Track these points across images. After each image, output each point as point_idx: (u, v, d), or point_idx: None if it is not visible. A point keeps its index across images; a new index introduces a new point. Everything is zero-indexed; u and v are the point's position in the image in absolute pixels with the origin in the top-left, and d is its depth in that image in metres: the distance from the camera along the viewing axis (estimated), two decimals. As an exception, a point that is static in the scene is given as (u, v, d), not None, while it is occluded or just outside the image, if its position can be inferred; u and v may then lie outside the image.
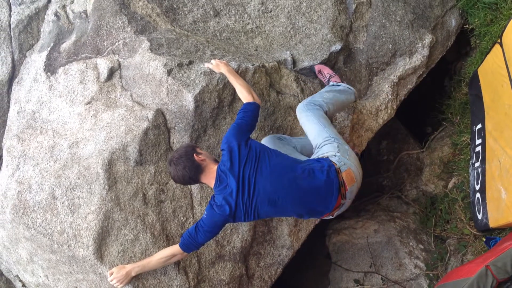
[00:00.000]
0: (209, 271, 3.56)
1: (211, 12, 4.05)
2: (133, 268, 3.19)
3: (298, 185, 2.95)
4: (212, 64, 3.45)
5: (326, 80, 3.82)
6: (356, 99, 3.71)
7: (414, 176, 5.06)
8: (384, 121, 4.19)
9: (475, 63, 4.63)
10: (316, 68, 3.91)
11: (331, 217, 3.24)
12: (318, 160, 3.08)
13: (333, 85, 3.68)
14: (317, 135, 3.22)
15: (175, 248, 3.11)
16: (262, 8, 4.14)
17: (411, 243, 4.37)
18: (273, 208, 3.00)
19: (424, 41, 4.34)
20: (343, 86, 3.64)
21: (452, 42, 4.65)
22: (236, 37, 3.98)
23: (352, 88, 3.67)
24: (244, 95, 3.25)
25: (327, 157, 3.08)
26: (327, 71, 3.84)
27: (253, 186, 2.93)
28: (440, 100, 5.25)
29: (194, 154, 2.96)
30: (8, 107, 4.02)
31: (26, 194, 3.37)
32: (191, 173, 2.94)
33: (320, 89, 4.06)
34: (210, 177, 2.99)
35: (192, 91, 3.40)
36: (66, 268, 3.42)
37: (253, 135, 3.60)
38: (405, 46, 4.30)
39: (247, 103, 3.18)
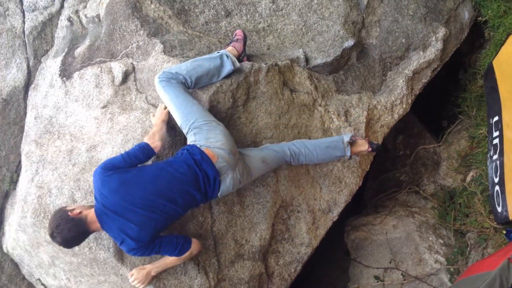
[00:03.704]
0: (229, 270, 3.57)
1: (223, 13, 4.06)
2: (152, 268, 3.21)
3: (178, 178, 2.94)
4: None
5: (232, 39, 3.65)
6: (235, 70, 3.44)
7: (431, 171, 5.02)
8: (400, 116, 4.17)
9: (489, 55, 4.60)
10: (238, 32, 3.67)
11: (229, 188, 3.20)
12: (184, 149, 3.07)
13: (217, 53, 3.43)
14: (178, 122, 3.17)
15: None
16: (273, 6, 4.14)
17: (430, 238, 4.34)
18: (174, 206, 2.95)
19: (438, 35, 4.32)
20: (222, 56, 3.39)
21: (465, 34, 4.63)
22: (248, 37, 3.98)
23: (235, 64, 3.41)
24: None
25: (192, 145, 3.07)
26: (241, 36, 3.62)
27: (133, 207, 2.86)
28: (455, 93, 5.22)
29: (69, 213, 2.84)
30: (25, 113, 4.06)
31: (46, 198, 3.41)
32: (78, 230, 2.83)
33: (334, 86, 4.07)
34: (95, 224, 2.88)
35: (206, 92, 3.40)
36: (88, 271, 3.45)
37: (267, 134, 3.62)
38: (418, 40, 4.28)
39: (141, 143, 3.10)
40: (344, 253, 5.06)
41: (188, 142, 3.14)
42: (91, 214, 2.88)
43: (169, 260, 3.19)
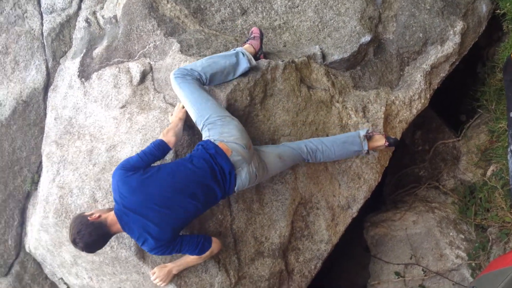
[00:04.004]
0: (249, 268, 3.58)
1: (238, 11, 4.06)
2: (174, 267, 3.23)
3: (195, 173, 2.96)
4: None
5: (248, 37, 3.69)
6: (251, 67, 3.45)
7: (451, 166, 4.98)
8: (418, 111, 4.14)
9: (508, 48, 4.56)
10: (254, 30, 3.70)
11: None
12: (198, 145, 3.12)
13: (233, 50, 3.47)
14: (193, 119, 3.21)
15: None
16: (289, 3, 4.14)
17: (451, 233, 4.32)
18: (194, 202, 2.97)
19: (455, 28, 4.28)
20: (237, 54, 3.41)
21: (483, 28, 4.57)
22: (264, 34, 3.98)
23: (251, 61, 3.42)
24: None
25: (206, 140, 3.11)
26: (257, 34, 3.65)
27: (156, 204, 2.89)
28: (473, 87, 5.17)
29: (88, 218, 2.86)
30: (45, 114, 4.10)
31: (67, 198, 3.44)
32: (99, 233, 2.84)
33: (351, 82, 4.06)
34: (116, 226, 2.89)
35: (224, 90, 3.42)
36: (110, 269, 3.49)
37: (285, 131, 3.62)
38: (436, 34, 4.24)
39: (156, 140, 3.14)
40: (363, 249, 5.04)
41: (203, 138, 3.16)
42: (110, 216, 2.90)
43: (190, 259, 3.20)
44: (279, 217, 3.67)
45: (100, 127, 3.63)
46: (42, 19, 4.32)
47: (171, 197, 2.90)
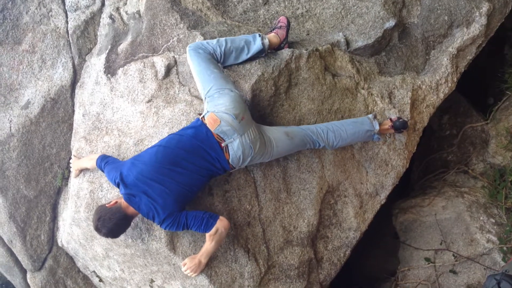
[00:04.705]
0: (278, 257, 3.60)
1: (260, 1, 4.06)
2: (201, 255, 3.26)
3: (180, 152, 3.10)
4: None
5: (274, 26, 3.68)
6: (265, 52, 3.48)
7: (480, 149, 4.92)
8: (445, 95, 4.09)
9: (536, 28, 4.46)
10: (282, 19, 3.67)
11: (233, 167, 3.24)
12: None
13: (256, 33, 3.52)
14: (199, 91, 3.33)
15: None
16: (311, -9, 4.11)
17: (481, 218, 4.27)
18: (182, 171, 3.08)
19: (481, 10, 4.19)
20: (254, 35, 3.46)
21: (510, 8, 4.47)
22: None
23: (264, 39, 3.43)
24: None
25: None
26: (284, 24, 3.63)
27: (152, 183, 3.05)
28: (501, 69, 5.07)
29: (106, 205, 3.08)
30: (73, 111, 4.16)
31: (98, 193, 3.51)
32: (117, 217, 3.03)
33: (376, 68, 4.02)
34: (130, 208, 3.08)
35: (248, 81, 3.43)
36: (141, 261, 3.54)
37: (311, 120, 3.61)
38: (461, 16, 4.17)
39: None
40: (392, 236, 5.02)
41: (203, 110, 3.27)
42: (124, 200, 3.08)
43: (207, 244, 3.22)
44: (306, 206, 3.68)
45: (127, 121, 3.67)
46: (66, 17, 4.36)
47: (160, 171, 3.06)
